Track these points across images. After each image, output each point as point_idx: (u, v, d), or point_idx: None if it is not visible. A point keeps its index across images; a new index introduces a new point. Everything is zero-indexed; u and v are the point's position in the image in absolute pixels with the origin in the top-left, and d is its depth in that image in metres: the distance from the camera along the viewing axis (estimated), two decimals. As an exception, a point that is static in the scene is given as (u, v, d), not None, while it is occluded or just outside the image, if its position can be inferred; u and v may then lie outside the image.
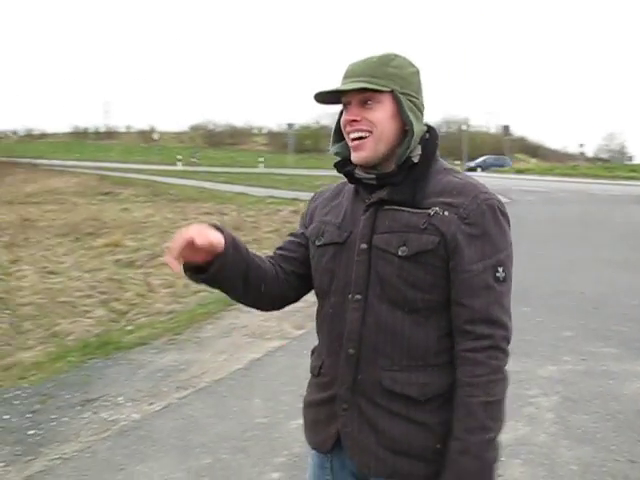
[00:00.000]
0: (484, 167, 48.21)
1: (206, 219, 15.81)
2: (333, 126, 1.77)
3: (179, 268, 1.58)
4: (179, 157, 47.06)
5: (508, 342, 1.60)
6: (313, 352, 1.84)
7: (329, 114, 71.72)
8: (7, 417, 4.18)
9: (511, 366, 1.61)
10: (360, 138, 1.63)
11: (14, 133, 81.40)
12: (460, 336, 1.60)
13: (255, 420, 4.14)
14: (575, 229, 14.47)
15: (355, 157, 1.66)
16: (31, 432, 3.96)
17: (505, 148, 49.48)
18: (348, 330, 1.65)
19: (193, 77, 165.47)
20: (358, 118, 1.62)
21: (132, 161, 52.28)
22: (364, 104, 1.62)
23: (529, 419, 4.19)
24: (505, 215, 1.65)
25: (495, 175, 40.50)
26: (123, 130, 78.12)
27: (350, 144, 1.67)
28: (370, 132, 1.62)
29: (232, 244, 1.64)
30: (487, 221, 1.60)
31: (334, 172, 1.80)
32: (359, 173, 1.69)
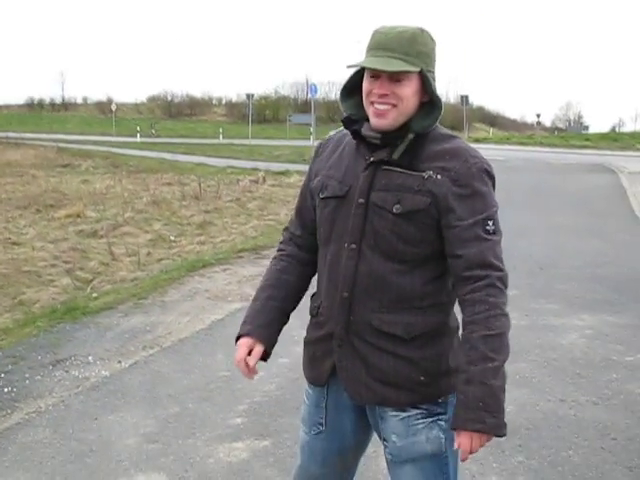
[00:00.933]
0: None
1: (167, 189, 15.90)
2: (343, 84, 1.90)
3: (254, 373, 2.00)
4: (138, 129, 46.49)
5: (503, 282, 1.75)
6: (313, 296, 2.04)
7: (288, 84, 71.36)
8: (-19, 377, 4.38)
9: (459, 322, 1.83)
10: (385, 109, 1.77)
11: (-34, 105, 79.20)
12: (460, 282, 1.78)
13: (218, 373, 4.42)
14: (528, 196, 14.92)
15: (376, 123, 1.79)
16: (6, 390, 4.16)
17: (463, 118, 49.93)
18: (343, 275, 1.86)
19: (150, 47, 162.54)
20: (388, 92, 1.75)
21: (90, 133, 51.50)
22: (394, 79, 1.75)
23: (473, 368, 4.54)
24: (492, 178, 1.84)
25: (453, 144, 40.96)
26: (80, 101, 76.64)
27: (370, 109, 1.80)
28: (395, 105, 1.76)
29: (270, 339, 2.00)
30: (476, 182, 1.78)
31: (293, 142, 2.02)
32: (365, 132, 1.84)
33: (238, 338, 2.01)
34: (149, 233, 10.65)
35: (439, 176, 1.78)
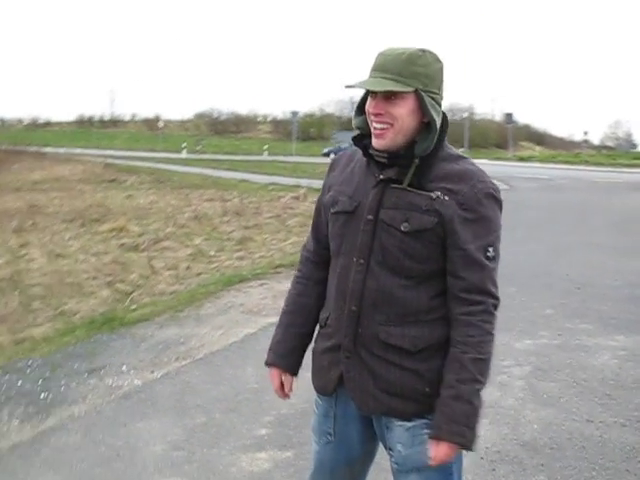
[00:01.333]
0: (337, 153, 49.33)
1: (209, 205, 16.16)
2: (357, 101, 1.97)
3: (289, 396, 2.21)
4: (184, 145, 47.33)
5: (496, 308, 1.88)
6: (322, 307, 2.11)
7: (333, 102, 71.85)
8: (20, 383, 4.55)
9: None
10: (382, 128, 1.86)
11: (20, 121, 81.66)
12: (456, 301, 1.86)
13: (247, 385, 4.51)
14: (571, 215, 14.76)
15: (376, 143, 1.88)
16: (42, 395, 4.33)
17: (508, 136, 49.58)
18: (351, 289, 1.93)
19: (198, 65, 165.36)
20: (382, 112, 1.83)
21: (137, 149, 52.65)
22: (389, 99, 1.82)
23: (500, 386, 4.53)
24: (498, 201, 1.90)
25: (497, 162, 40.77)
26: (128, 118, 78.43)
27: (372, 129, 1.89)
28: (391, 125, 1.84)
29: (294, 365, 2.17)
30: (482, 207, 1.84)
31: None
32: (373, 150, 1.92)
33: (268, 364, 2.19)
34: (189, 248, 10.84)
35: (446, 197, 1.83)
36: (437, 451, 1.82)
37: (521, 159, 43.52)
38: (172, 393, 4.38)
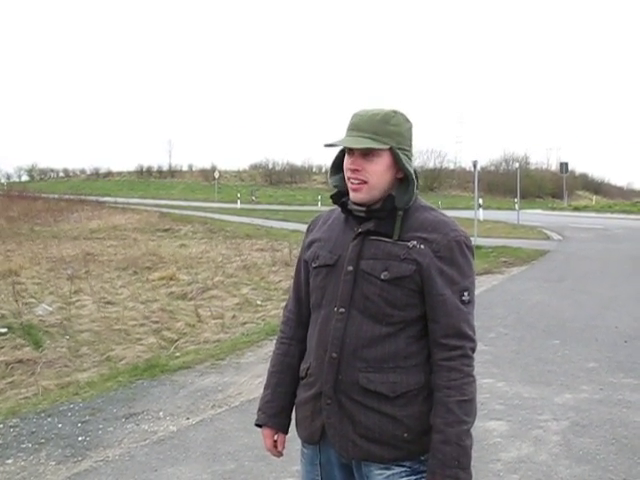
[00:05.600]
0: None
1: (259, 255, 16.37)
2: (331, 161, 2.11)
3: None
4: (238, 195, 48.14)
5: (474, 351, 1.96)
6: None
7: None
8: (60, 426, 4.70)
9: (529, 393, 1.97)
10: (358, 183, 1.99)
11: (82, 172, 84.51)
12: (436, 347, 1.95)
13: (279, 434, 4.53)
14: (624, 266, 14.44)
15: (353, 196, 2.01)
16: (80, 438, 4.46)
17: (563, 185, 49.02)
18: (332, 337, 1.99)
19: (254, 116, 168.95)
20: (360, 168, 1.95)
21: (193, 199, 53.71)
22: (366, 156, 1.95)
23: (535, 440, 4.45)
24: (470, 249, 2.01)
25: (551, 213, 40.26)
26: (185, 169, 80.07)
27: (350, 184, 2.01)
28: (365, 182, 1.97)
29: (284, 424, 2.25)
30: (455, 254, 1.96)
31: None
32: (351, 206, 2.04)
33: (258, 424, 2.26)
34: (236, 297, 10.99)
35: (422, 246, 1.94)
36: None
37: (576, 209, 42.85)
38: (205, 440, 4.45)
